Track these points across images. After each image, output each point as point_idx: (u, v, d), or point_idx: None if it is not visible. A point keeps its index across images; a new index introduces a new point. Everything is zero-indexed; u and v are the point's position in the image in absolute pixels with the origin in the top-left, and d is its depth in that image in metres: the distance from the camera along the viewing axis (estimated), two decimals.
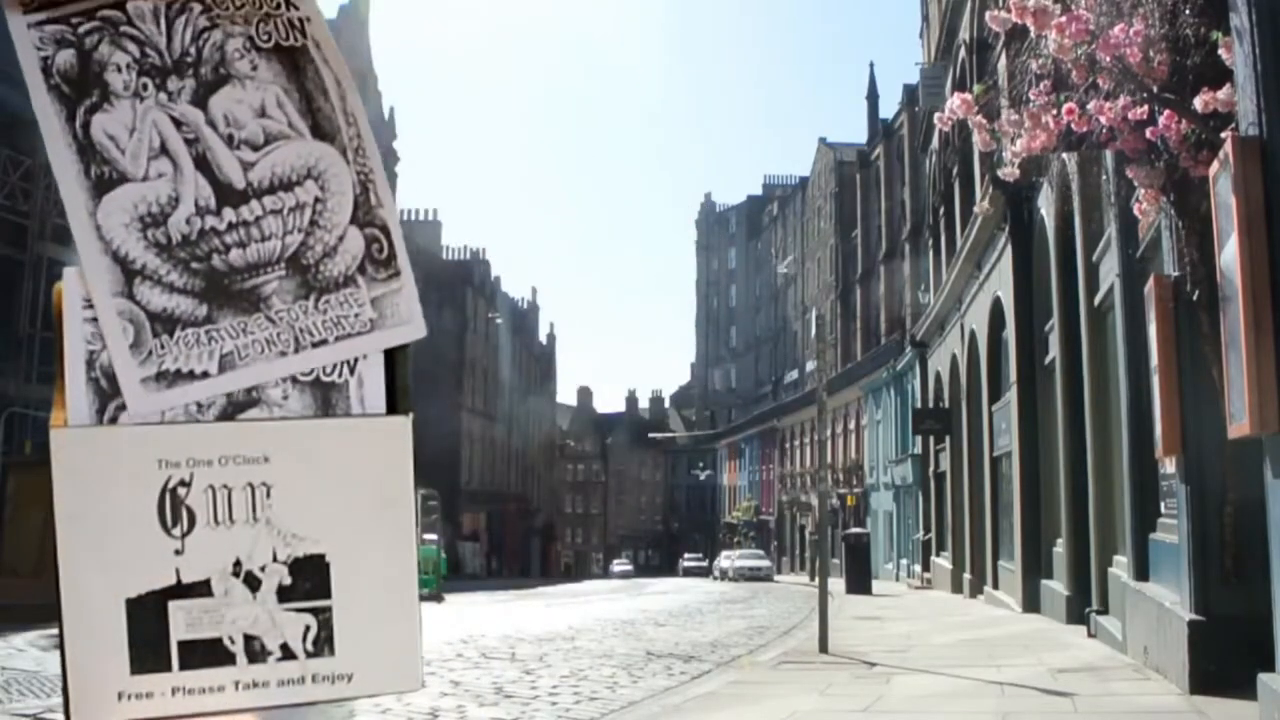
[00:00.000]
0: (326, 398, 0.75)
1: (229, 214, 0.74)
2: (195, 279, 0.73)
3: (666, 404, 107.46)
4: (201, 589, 0.72)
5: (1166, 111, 5.53)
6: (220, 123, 0.72)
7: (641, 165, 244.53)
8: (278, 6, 0.73)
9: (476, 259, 63.10)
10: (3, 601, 11.79)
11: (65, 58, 0.70)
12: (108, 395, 0.76)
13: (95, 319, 0.77)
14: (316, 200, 0.74)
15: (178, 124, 0.72)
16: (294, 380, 0.75)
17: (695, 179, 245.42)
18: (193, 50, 0.71)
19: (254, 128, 0.73)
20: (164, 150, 0.72)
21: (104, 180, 0.72)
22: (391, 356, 0.77)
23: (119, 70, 0.71)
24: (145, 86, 0.72)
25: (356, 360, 0.77)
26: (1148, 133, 5.64)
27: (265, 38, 0.72)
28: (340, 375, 0.76)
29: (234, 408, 0.74)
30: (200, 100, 0.72)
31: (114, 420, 0.74)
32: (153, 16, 0.71)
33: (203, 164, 0.72)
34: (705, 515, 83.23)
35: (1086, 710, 6.39)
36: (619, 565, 71.15)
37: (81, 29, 0.70)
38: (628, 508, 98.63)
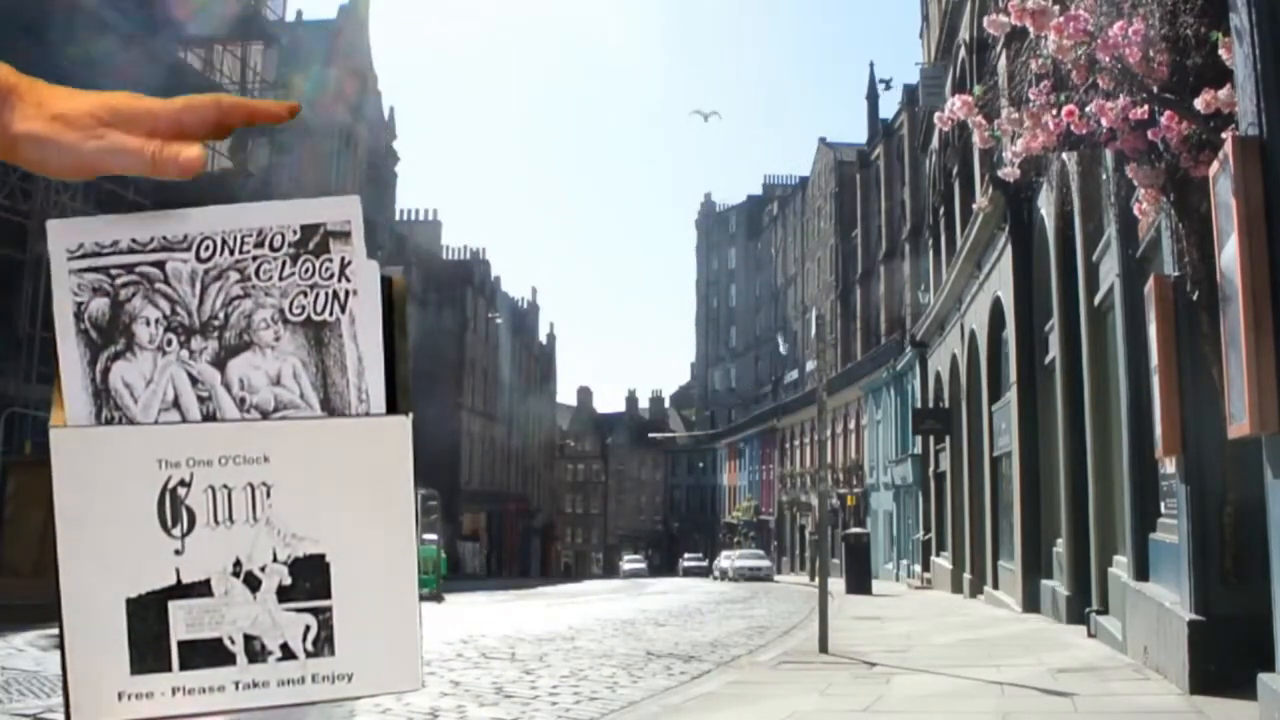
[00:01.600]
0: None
1: None
2: None
3: (666, 404, 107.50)
4: (201, 589, 0.72)
5: (1167, 112, 5.52)
6: (235, 385, 0.74)
7: (641, 165, 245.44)
8: (330, 277, 0.75)
9: (476, 259, 63.11)
10: (3, 601, 11.80)
11: (99, 305, 0.73)
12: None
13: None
14: None
15: (194, 381, 0.74)
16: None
17: (695, 179, 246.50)
18: (221, 315, 0.74)
19: (266, 394, 0.74)
20: (175, 404, 0.74)
21: (111, 424, 0.74)
22: (391, 356, 0.77)
23: (147, 324, 0.73)
24: (170, 342, 0.74)
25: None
26: (1148, 133, 5.64)
27: (298, 311, 0.74)
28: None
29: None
30: (220, 362, 0.74)
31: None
32: (189, 279, 0.74)
33: (210, 422, 0.74)
34: (705, 515, 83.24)
35: (1086, 710, 6.39)
36: (629, 563, 68.08)
37: (119, 281, 0.73)
38: (628, 508, 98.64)
